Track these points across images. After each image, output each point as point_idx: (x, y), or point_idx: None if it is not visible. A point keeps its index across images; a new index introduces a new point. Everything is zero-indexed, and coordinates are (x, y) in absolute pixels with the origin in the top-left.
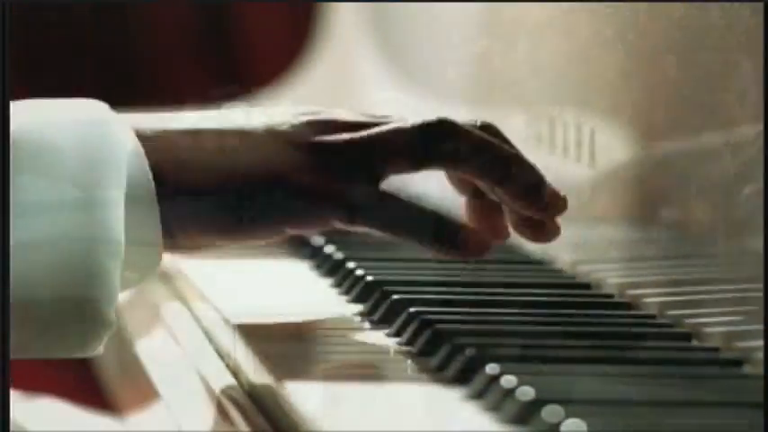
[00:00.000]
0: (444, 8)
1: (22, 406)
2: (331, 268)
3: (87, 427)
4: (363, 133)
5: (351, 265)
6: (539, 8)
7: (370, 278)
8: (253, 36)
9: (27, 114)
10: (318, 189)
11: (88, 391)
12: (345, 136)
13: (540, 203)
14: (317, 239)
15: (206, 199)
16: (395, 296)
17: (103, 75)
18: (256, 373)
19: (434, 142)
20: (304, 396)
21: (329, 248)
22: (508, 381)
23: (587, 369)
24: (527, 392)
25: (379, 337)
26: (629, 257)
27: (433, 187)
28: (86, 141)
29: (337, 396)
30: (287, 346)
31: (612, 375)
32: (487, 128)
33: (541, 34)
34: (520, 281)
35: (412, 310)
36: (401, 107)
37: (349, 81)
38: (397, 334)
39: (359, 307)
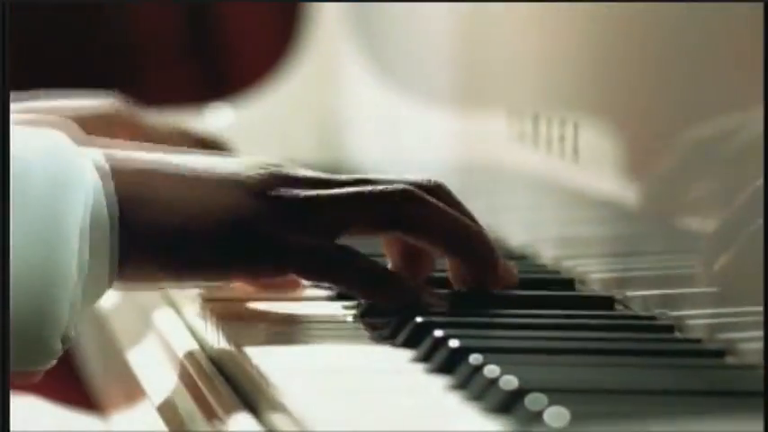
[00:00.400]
0: (428, 7)
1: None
2: None
3: (71, 426)
4: (325, 192)
5: None
6: (521, 5)
7: None
8: (237, 36)
9: None
10: (274, 239)
11: (72, 391)
12: (308, 192)
13: (491, 279)
14: None
15: (160, 238)
16: None
17: (88, 76)
18: (244, 374)
19: (395, 211)
20: (292, 394)
21: None
22: (491, 370)
23: (570, 360)
24: (510, 382)
25: (367, 333)
26: (613, 253)
27: None
28: (48, 173)
29: (327, 392)
30: (276, 344)
31: (596, 366)
32: (438, 188)
33: (524, 31)
34: None
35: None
36: (385, 107)
37: (333, 81)
38: (383, 327)
39: (345, 305)
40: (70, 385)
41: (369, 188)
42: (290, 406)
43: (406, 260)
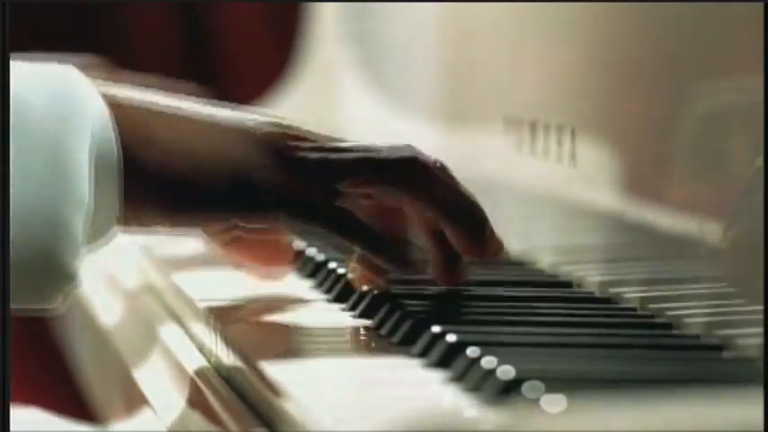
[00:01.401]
0: (424, 19)
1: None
2: (314, 270)
3: None
4: (335, 156)
5: (332, 265)
6: (517, 13)
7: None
8: (236, 52)
9: None
10: (276, 185)
11: (75, 405)
12: (318, 154)
13: (481, 247)
14: (309, 249)
15: (163, 179)
16: (376, 291)
17: None
18: (251, 385)
19: (400, 172)
20: (299, 406)
21: (311, 251)
22: (489, 361)
23: (567, 352)
24: (507, 371)
25: (368, 333)
26: (609, 257)
27: None
28: (55, 97)
29: (329, 391)
30: (281, 352)
31: (592, 358)
32: (442, 168)
33: (521, 39)
34: (501, 279)
35: (395, 302)
36: (383, 118)
37: (331, 97)
38: (380, 326)
39: (343, 307)
40: (73, 399)
41: (378, 155)
42: (296, 410)
43: (384, 222)
